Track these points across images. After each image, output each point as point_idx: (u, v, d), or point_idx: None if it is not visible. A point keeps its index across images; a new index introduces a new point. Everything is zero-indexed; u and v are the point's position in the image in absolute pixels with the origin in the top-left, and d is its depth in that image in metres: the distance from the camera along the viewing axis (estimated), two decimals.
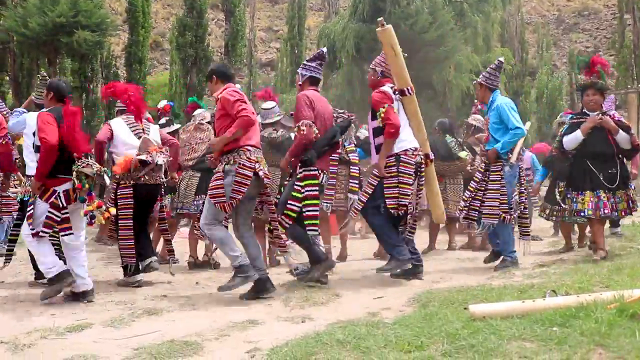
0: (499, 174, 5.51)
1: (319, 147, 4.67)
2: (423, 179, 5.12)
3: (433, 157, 5.30)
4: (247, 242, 4.60)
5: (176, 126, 6.61)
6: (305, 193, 4.69)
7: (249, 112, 4.37)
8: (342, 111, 6.55)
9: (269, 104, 6.33)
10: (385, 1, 18.43)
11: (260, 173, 4.44)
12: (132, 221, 5.08)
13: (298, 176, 4.75)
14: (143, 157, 4.99)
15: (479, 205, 5.58)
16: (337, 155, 6.21)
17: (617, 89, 25.03)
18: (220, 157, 4.48)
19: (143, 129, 5.20)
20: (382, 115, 4.80)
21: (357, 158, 6.71)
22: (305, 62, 5.10)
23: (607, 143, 5.42)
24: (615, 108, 8.22)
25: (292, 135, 5.57)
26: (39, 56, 17.65)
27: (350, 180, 6.59)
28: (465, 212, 5.69)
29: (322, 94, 5.30)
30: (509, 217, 5.47)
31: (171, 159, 5.34)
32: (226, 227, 4.72)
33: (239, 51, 23.28)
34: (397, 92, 5.00)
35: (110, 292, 4.90)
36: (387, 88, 5.01)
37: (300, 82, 5.07)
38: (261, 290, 4.51)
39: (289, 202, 4.72)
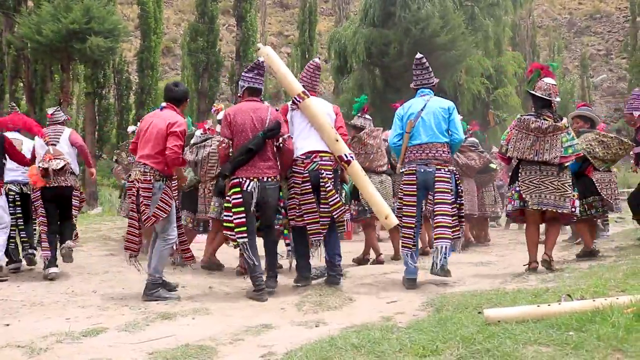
0: None
1: (234, 159, 4.79)
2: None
3: (350, 158, 5.00)
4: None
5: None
6: (232, 202, 4.74)
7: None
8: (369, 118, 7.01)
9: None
10: (395, 5, 18.45)
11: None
12: (45, 219, 6.00)
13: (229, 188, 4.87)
14: (40, 164, 5.92)
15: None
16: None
17: (630, 91, 24.87)
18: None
19: (50, 141, 6.16)
20: None
21: None
22: (243, 73, 5.14)
23: None
24: None
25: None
26: (52, 62, 17.84)
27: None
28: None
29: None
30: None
31: (68, 162, 6.06)
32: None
33: (250, 56, 23.35)
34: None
35: (124, 297, 4.93)
36: (289, 102, 5.19)
37: (239, 94, 5.17)
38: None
39: (224, 213, 4.88)
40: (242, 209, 4.70)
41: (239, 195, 4.71)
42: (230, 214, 4.72)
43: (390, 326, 3.48)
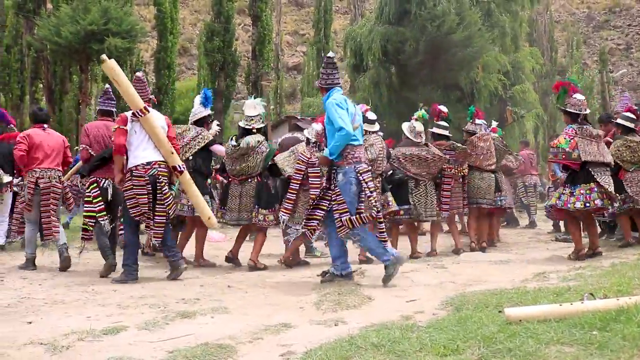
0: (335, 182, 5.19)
1: (92, 163, 6.23)
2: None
3: (182, 169, 5.83)
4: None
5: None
6: (92, 194, 6.12)
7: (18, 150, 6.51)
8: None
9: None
10: (411, 3, 18.33)
11: (41, 185, 6.49)
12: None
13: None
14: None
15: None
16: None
17: None
18: None
19: None
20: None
21: None
22: (98, 98, 6.58)
23: None
24: None
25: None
26: (71, 64, 18.03)
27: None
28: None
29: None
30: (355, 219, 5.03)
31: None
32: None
33: (266, 55, 23.42)
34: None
35: (144, 296, 4.96)
36: (127, 113, 5.85)
37: (95, 115, 6.66)
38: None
39: (85, 206, 6.27)
40: (101, 199, 6.11)
41: (97, 190, 6.13)
42: (92, 205, 6.09)
43: (410, 325, 3.45)
